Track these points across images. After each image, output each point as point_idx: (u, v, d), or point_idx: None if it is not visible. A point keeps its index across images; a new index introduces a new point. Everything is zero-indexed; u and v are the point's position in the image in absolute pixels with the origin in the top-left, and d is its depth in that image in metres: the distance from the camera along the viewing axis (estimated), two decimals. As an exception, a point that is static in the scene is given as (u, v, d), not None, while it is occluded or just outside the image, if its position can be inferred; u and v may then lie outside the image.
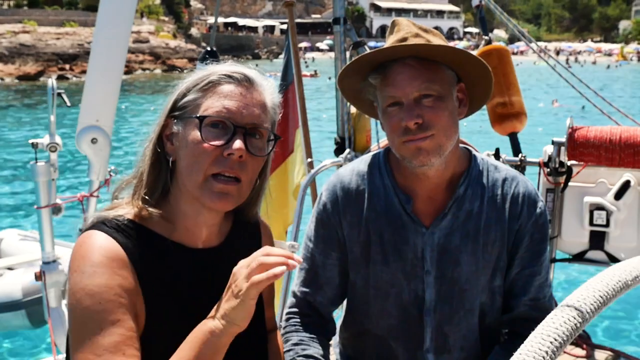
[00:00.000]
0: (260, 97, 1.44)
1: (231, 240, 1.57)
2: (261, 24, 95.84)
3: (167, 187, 1.45)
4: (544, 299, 1.81)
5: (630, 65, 70.56)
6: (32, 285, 5.33)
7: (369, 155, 1.91)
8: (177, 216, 1.46)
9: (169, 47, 55.51)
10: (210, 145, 1.36)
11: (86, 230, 1.39)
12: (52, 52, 46.91)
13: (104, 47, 3.32)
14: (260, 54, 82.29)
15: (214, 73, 1.42)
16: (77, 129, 3.39)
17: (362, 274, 1.83)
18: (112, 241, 1.35)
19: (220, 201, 1.39)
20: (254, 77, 1.44)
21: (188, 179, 1.39)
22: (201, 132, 1.36)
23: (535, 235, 1.78)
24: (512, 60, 3.60)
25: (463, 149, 1.84)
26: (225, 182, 1.38)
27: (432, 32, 1.75)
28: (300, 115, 3.85)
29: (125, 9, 3.30)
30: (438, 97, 1.64)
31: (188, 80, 1.44)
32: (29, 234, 6.73)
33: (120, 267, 1.33)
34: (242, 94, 1.40)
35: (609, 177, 3.25)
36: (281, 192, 3.99)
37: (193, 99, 1.41)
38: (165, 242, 1.43)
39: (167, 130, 1.44)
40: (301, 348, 1.78)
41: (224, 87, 1.40)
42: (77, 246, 1.35)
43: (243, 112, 1.39)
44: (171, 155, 1.43)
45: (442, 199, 1.77)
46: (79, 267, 1.31)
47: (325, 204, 1.86)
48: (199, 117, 1.37)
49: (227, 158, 1.37)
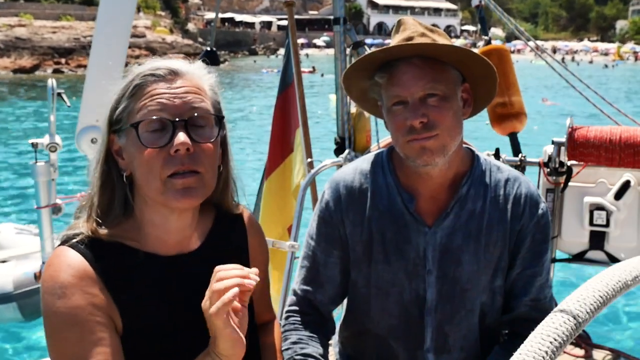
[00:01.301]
0: (191, 84, 1.38)
1: (212, 240, 1.53)
2: (258, 19, 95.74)
3: (128, 201, 1.40)
4: (544, 300, 1.82)
5: (626, 65, 70.64)
6: (24, 277, 5.35)
7: (372, 154, 1.91)
8: (145, 227, 1.41)
9: (166, 42, 55.39)
10: (153, 149, 1.32)
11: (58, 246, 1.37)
12: (48, 46, 46.81)
13: (105, 47, 3.32)
14: (257, 50, 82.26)
15: (137, 76, 1.36)
16: (77, 129, 3.38)
17: (363, 272, 1.83)
18: (80, 259, 1.32)
19: (185, 198, 1.35)
20: (179, 67, 1.39)
21: (147, 188, 1.35)
22: (140, 139, 1.31)
23: (537, 236, 1.79)
24: (512, 61, 3.61)
25: (466, 149, 1.84)
26: (183, 177, 1.33)
27: (438, 32, 1.76)
28: (300, 115, 3.84)
29: (125, 9, 3.29)
30: (443, 97, 1.64)
31: (116, 90, 1.38)
32: (26, 227, 6.73)
33: (89, 285, 1.31)
34: (170, 87, 1.35)
35: (609, 177, 3.25)
36: (281, 192, 3.98)
37: (124, 108, 1.35)
38: (137, 253, 1.39)
39: (114, 146, 1.39)
40: (300, 347, 1.77)
41: (150, 86, 1.34)
42: (47, 265, 1.34)
43: (176, 103, 1.34)
44: (125, 169, 1.38)
45: (445, 199, 1.77)
46: (48, 288, 1.29)
47: (327, 202, 1.86)
48: (132, 125, 1.32)
49: (176, 155, 1.32)
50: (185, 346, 1.41)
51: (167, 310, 1.41)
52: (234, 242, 1.59)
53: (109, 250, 1.36)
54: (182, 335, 1.42)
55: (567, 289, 6.01)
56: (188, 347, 1.39)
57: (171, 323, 1.41)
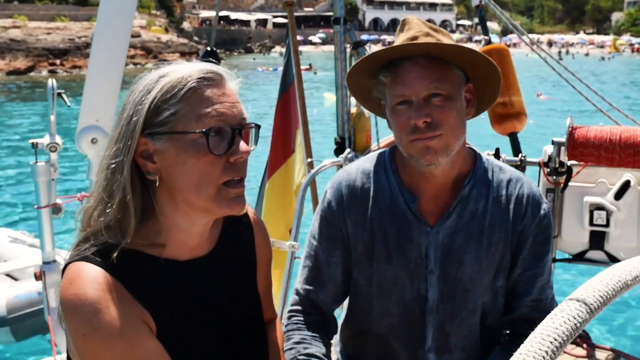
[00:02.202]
0: (233, 89, 1.38)
1: (223, 242, 1.53)
2: (253, 17, 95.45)
3: (151, 206, 1.36)
4: (545, 300, 1.82)
5: (622, 57, 70.72)
6: (16, 301, 5.37)
7: (375, 154, 1.92)
8: (167, 232, 1.39)
9: (161, 41, 55.25)
10: (216, 156, 1.30)
11: (70, 262, 1.32)
12: (42, 47, 46.66)
13: (104, 47, 3.31)
14: (253, 48, 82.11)
15: (189, 78, 1.31)
16: (77, 129, 3.38)
17: (365, 272, 1.83)
18: (101, 271, 1.28)
19: (237, 205, 1.36)
20: (221, 71, 1.38)
21: (196, 194, 1.32)
22: (208, 145, 1.29)
23: (539, 237, 1.79)
24: (512, 60, 3.60)
25: (468, 149, 1.85)
26: (238, 184, 1.35)
27: (442, 32, 1.77)
28: (301, 115, 3.85)
29: (125, 9, 3.28)
30: (447, 97, 1.65)
31: (153, 90, 1.31)
32: (19, 235, 6.70)
33: (118, 295, 1.28)
34: (224, 93, 1.34)
35: (609, 177, 3.25)
36: (284, 192, 3.98)
37: (174, 112, 1.29)
38: (156, 261, 1.37)
39: (140, 148, 1.32)
40: (303, 347, 1.78)
41: (206, 91, 1.31)
42: (66, 284, 1.27)
43: (234, 112, 1.34)
44: (154, 174, 1.33)
45: (447, 199, 1.78)
46: (78, 308, 1.24)
47: (330, 202, 1.86)
48: (204, 132, 1.28)
49: (234, 163, 1.33)
50: (202, 347, 1.42)
51: (184, 312, 1.41)
52: (242, 242, 1.60)
53: (127, 258, 1.32)
54: (201, 335, 1.43)
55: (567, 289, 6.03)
56: (205, 348, 1.42)
57: (188, 325, 1.41)
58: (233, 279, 1.53)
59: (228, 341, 1.48)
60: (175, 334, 1.36)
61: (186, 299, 1.42)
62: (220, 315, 1.48)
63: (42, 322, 5.33)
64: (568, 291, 0.88)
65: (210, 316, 1.45)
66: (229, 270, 1.52)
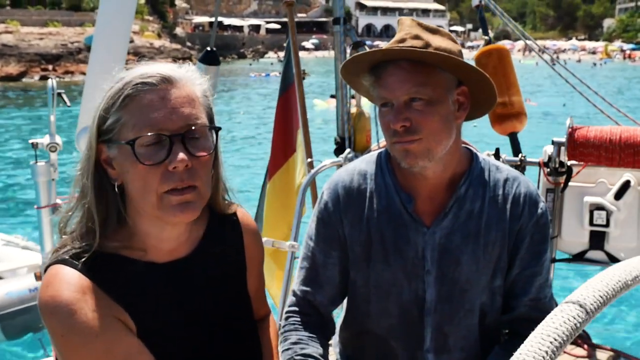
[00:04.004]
0: (185, 93, 1.32)
1: (206, 243, 1.51)
2: (246, 23, 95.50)
3: (120, 211, 1.36)
4: (544, 300, 1.82)
5: (614, 64, 71.11)
6: (7, 298, 5.36)
7: (371, 155, 1.92)
8: (140, 237, 1.38)
9: (153, 46, 55.11)
10: (150, 165, 1.27)
11: (49, 265, 1.32)
12: (35, 53, 46.40)
13: (104, 48, 3.30)
14: (246, 54, 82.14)
15: (127, 85, 1.28)
16: (77, 129, 3.37)
17: (362, 273, 1.83)
18: (76, 274, 1.28)
19: (183, 213, 1.31)
20: (171, 74, 1.32)
21: (142, 202, 1.31)
22: (136, 155, 1.26)
23: (536, 236, 1.79)
24: (512, 61, 3.61)
25: (465, 149, 1.84)
26: (181, 192, 1.30)
27: (440, 32, 1.74)
28: (301, 115, 3.85)
29: (125, 10, 3.27)
30: (429, 102, 1.63)
31: (105, 98, 1.30)
32: (12, 238, 6.69)
33: (92, 297, 1.28)
34: (165, 97, 1.28)
35: (609, 177, 3.25)
36: (286, 192, 3.98)
37: (115, 120, 1.28)
38: (132, 262, 1.37)
39: (102, 155, 1.32)
40: (300, 347, 1.77)
41: (143, 98, 1.27)
42: (43, 287, 1.28)
43: (172, 118, 1.28)
44: (116, 179, 1.33)
45: (443, 199, 1.77)
46: (54, 309, 1.24)
47: (326, 203, 1.86)
48: (128, 143, 1.26)
49: (174, 172, 1.28)
50: (185, 348, 1.42)
51: (165, 314, 1.40)
52: (229, 241, 1.58)
53: (104, 261, 1.32)
54: (181, 337, 1.42)
55: (567, 289, 6.04)
56: (188, 349, 1.42)
57: (170, 327, 1.40)
58: (217, 280, 1.52)
59: (213, 342, 1.47)
60: (156, 334, 1.36)
61: (166, 301, 1.41)
62: (204, 316, 1.47)
63: (33, 320, 5.33)
64: (568, 291, 0.88)
65: (193, 317, 1.44)
66: (212, 271, 1.51)
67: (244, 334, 1.57)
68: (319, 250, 1.86)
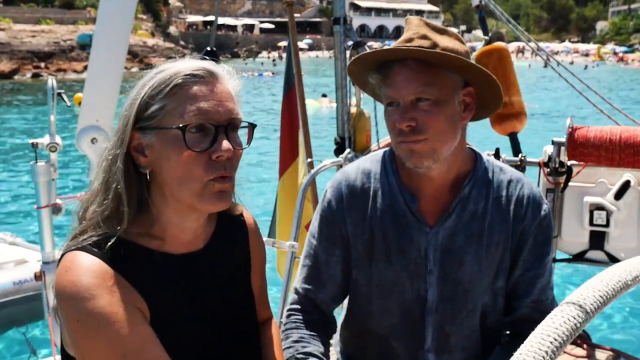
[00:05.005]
0: (227, 88, 1.39)
1: (217, 239, 1.55)
2: (240, 22, 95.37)
3: (144, 199, 1.38)
4: (546, 301, 1.83)
5: (606, 66, 71.38)
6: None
7: (375, 154, 1.92)
8: (161, 226, 1.41)
9: (147, 45, 54.96)
10: (196, 152, 1.31)
11: (65, 253, 1.34)
12: (27, 50, 46.19)
13: (104, 47, 3.30)
14: (240, 53, 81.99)
15: (176, 75, 1.33)
16: (77, 129, 3.37)
17: (365, 272, 1.83)
18: (97, 260, 1.30)
19: (221, 202, 1.37)
20: (216, 70, 1.39)
21: (181, 189, 1.34)
22: (185, 141, 1.30)
23: (539, 238, 1.79)
24: (512, 61, 3.61)
25: (469, 150, 1.85)
26: (223, 181, 1.35)
27: (446, 32, 1.74)
28: (301, 115, 3.84)
29: (125, 9, 3.26)
30: (435, 102, 1.64)
31: (146, 86, 1.35)
32: (1, 235, 6.68)
33: (113, 283, 1.29)
34: (212, 90, 1.35)
35: (609, 177, 3.26)
36: (294, 191, 3.96)
37: (160, 108, 1.32)
38: (152, 253, 1.39)
39: (133, 142, 1.36)
40: (301, 345, 1.78)
41: (192, 88, 1.33)
42: (61, 272, 1.29)
43: (219, 110, 1.34)
44: (146, 167, 1.36)
45: (447, 199, 1.78)
46: (72, 293, 1.25)
47: (329, 201, 1.86)
48: (180, 128, 1.30)
49: (217, 160, 1.33)
50: (196, 342, 1.43)
51: (181, 307, 1.42)
52: (237, 241, 1.61)
53: (124, 249, 1.34)
54: (194, 331, 1.43)
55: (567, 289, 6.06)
56: (199, 344, 1.43)
57: (184, 320, 1.42)
58: (224, 279, 1.54)
59: (220, 341, 1.49)
60: (169, 325, 1.37)
61: (181, 293, 1.43)
62: (212, 314, 1.48)
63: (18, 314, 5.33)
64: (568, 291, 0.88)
65: (202, 314, 1.46)
66: (220, 269, 1.53)
67: (249, 335, 1.59)
68: (322, 249, 1.86)
